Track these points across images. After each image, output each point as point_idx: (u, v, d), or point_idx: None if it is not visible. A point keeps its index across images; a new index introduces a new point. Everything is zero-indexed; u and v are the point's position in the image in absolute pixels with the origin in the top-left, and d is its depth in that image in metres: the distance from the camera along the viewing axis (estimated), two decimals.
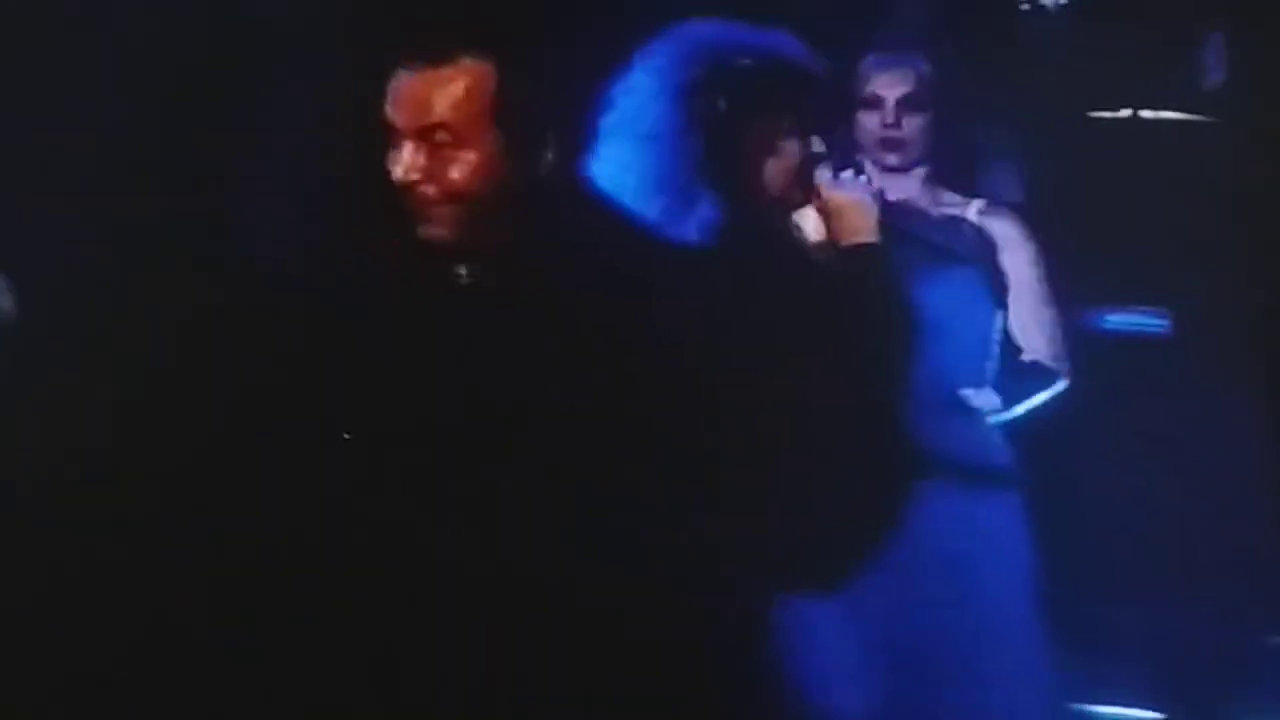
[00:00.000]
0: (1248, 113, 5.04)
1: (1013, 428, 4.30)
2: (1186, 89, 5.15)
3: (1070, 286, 4.57)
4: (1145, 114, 5.22)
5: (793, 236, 3.56)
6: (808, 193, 3.54)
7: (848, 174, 3.64)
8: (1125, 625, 5.01)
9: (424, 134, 2.95)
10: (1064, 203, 4.92)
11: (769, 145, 3.50)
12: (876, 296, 3.50)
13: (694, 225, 3.45)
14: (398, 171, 2.96)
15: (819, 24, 5.23)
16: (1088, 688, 4.92)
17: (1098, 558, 4.97)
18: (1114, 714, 5.03)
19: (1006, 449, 4.30)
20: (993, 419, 4.30)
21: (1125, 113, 5.23)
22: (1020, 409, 4.32)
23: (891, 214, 3.71)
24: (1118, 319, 5.13)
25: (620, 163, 3.45)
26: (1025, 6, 5.23)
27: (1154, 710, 5.03)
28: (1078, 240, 4.77)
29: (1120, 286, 5.13)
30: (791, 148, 3.50)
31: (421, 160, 2.95)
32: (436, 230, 2.98)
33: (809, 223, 3.56)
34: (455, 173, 2.96)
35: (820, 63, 3.52)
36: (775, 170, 3.50)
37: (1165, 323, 5.12)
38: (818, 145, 3.54)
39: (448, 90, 2.95)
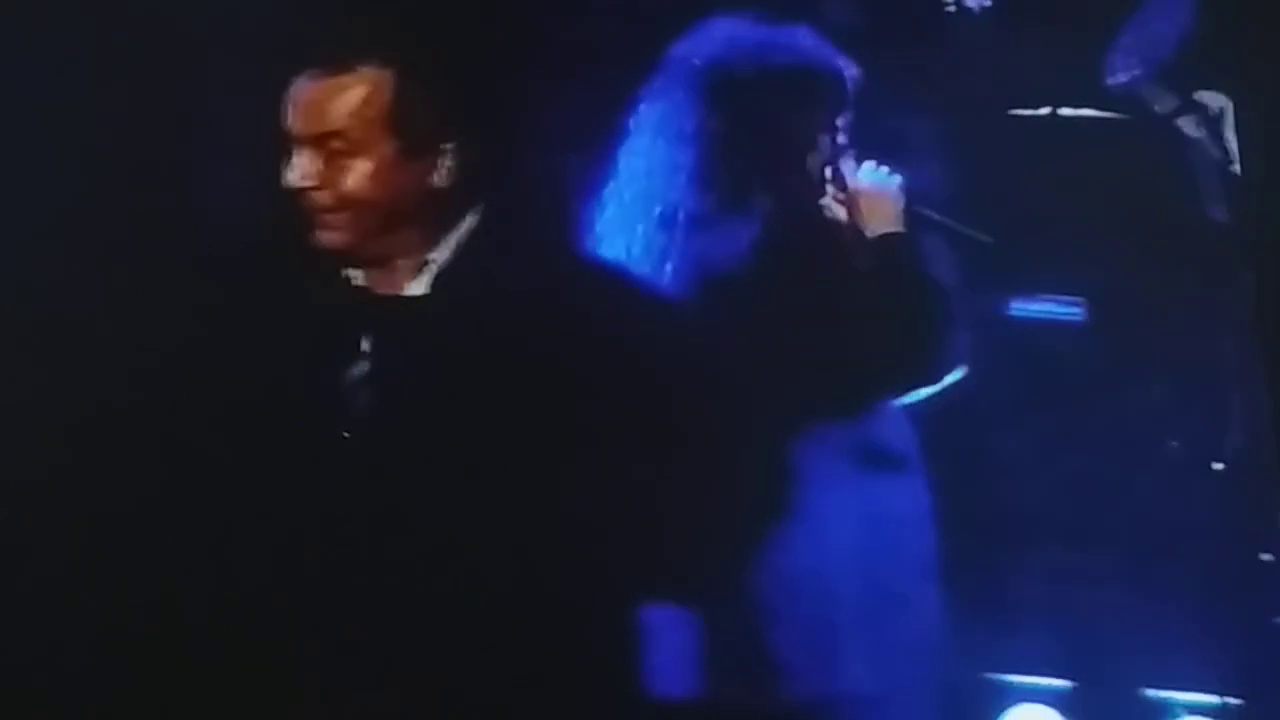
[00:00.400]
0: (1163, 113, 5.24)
1: (917, 411, 4.44)
2: (1100, 88, 5.34)
3: (985, 276, 4.76)
4: (1064, 111, 5.42)
5: (830, 226, 3.71)
6: (838, 185, 3.72)
7: (870, 165, 3.79)
8: (1040, 599, 5.18)
9: (320, 141, 3.05)
10: (985, 196, 5.08)
11: (808, 140, 3.69)
12: (905, 281, 3.65)
13: (747, 219, 3.64)
14: (293, 177, 3.07)
15: None
16: (1003, 659, 5.12)
17: (1012, 536, 5.18)
18: (1028, 683, 5.18)
19: (911, 432, 4.45)
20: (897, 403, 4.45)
21: (1045, 110, 5.42)
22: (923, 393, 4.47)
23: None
24: (1033, 308, 5.30)
25: (664, 162, 3.64)
26: (951, 9, 5.41)
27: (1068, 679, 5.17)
28: (996, 232, 4.94)
29: (1036, 276, 5.31)
30: (824, 142, 3.69)
31: (317, 167, 3.06)
32: (329, 236, 3.08)
33: (839, 213, 3.71)
34: (350, 180, 3.05)
35: (841, 58, 3.69)
36: (813, 164, 3.70)
37: (1080, 311, 5.29)
38: (843, 139, 3.72)
39: (345, 98, 3.05)
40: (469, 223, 3.17)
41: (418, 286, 3.13)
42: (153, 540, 3.13)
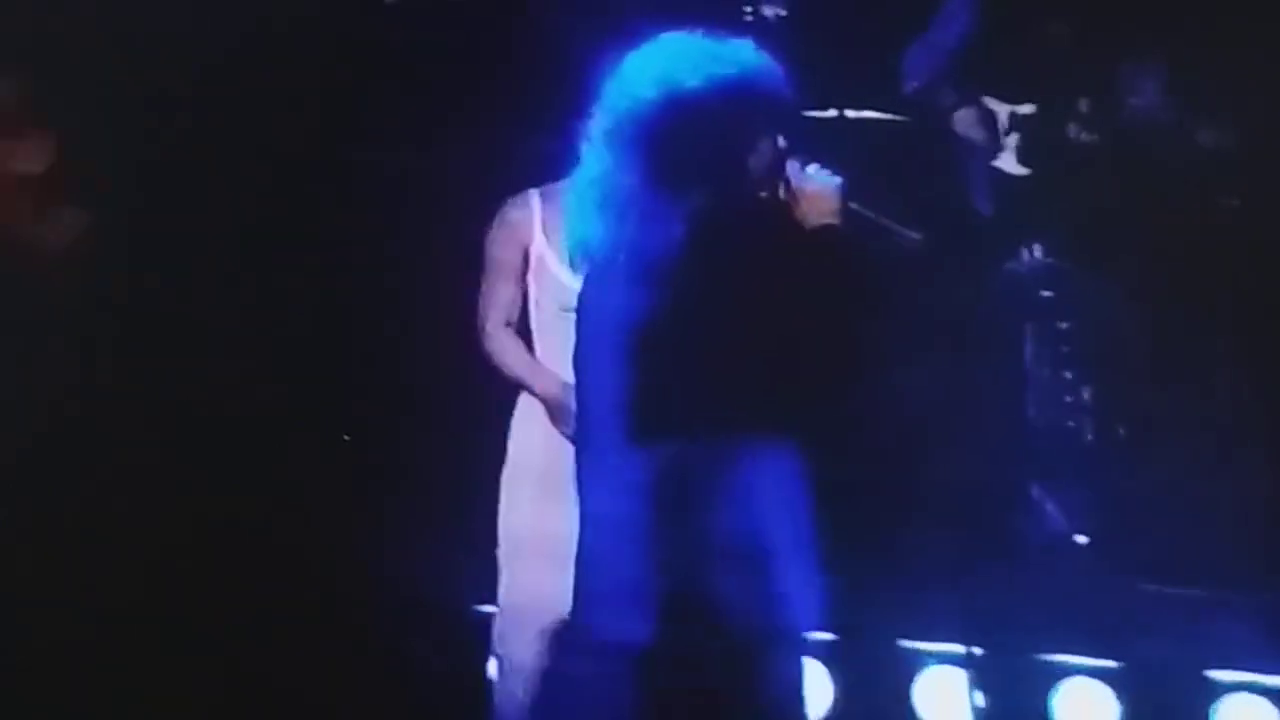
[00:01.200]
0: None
1: None
2: (890, 93, 5.87)
3: None
4: (849, 114, 5.92)
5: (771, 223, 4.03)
6: (781, 185, 4.05)
7: (813, 166, 4.12)
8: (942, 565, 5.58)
9: None
10: None
11: (750, 144, 4.01)
12: (842, 270, 4.00)
13: (693, 216, 3.93)
14: None
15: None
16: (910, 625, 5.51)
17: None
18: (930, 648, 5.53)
19: None
20: None
21: (832, 113, 5.91)
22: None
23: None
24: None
25: (617, 161, 3.91)
26: (749, 18, 5.83)
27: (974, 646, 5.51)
28: None
29: None
30: (766, 145, 4.02)
31: None
32: None
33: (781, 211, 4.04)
34: None
35: (781, 69, 4.04)
36: (756, 165, 4.02)
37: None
38: (784, 142, 4.05)
39: None
40: None
41: None
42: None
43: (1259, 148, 5.80)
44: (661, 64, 4.00)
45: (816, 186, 4.09)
